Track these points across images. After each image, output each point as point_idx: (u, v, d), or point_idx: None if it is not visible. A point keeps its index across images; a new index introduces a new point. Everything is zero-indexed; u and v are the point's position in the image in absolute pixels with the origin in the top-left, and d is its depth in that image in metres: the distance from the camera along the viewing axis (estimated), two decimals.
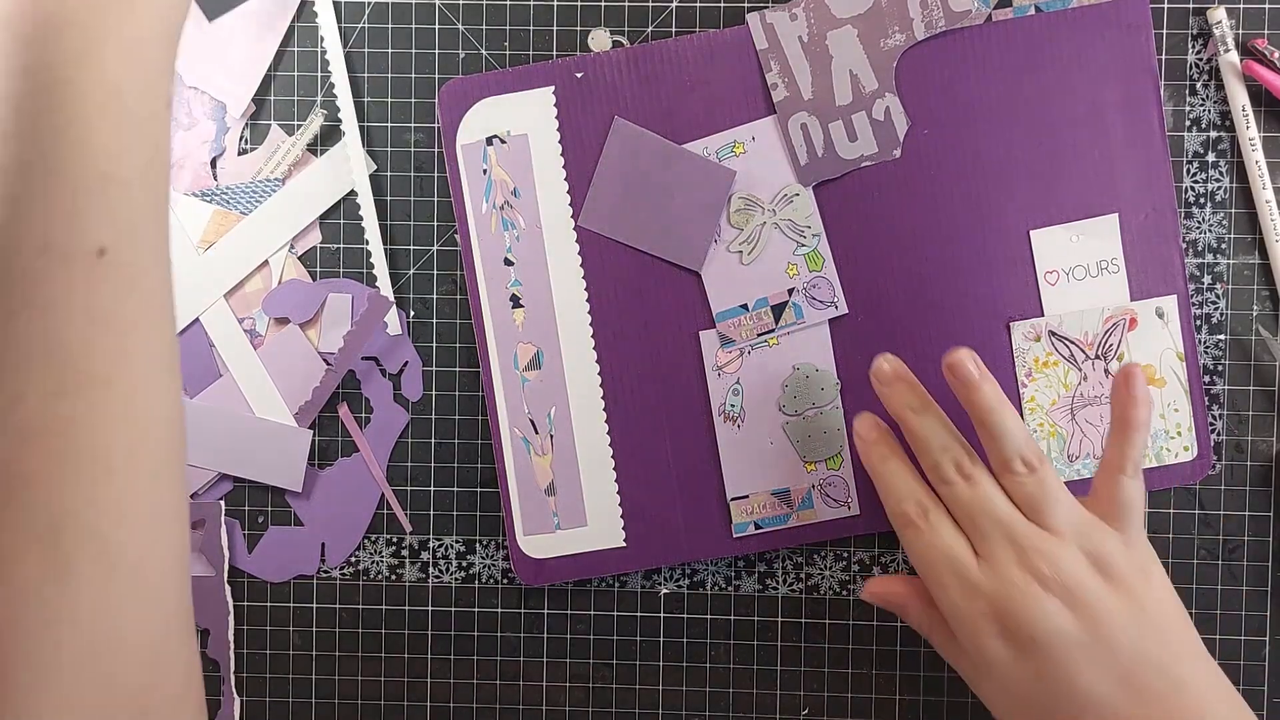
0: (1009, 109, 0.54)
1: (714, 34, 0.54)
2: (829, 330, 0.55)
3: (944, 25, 0.53)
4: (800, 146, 0.54)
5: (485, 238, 0.55)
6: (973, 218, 0.54)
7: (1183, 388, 0.54)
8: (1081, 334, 0.54)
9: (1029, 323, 0.54)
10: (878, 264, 0.54)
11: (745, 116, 0.54)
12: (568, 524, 0.56)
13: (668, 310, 0.55)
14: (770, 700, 0.57)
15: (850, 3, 0.54)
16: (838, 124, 0.54)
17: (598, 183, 0.55)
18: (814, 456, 0.55)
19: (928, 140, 0.54)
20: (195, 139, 0.57)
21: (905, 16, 0.53)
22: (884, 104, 0.54)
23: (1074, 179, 0.54)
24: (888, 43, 0.54)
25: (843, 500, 0.55)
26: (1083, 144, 0.54)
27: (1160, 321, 0.54)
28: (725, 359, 0.55)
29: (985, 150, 0.54)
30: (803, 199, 0.54)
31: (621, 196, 0.55)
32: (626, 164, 0.55)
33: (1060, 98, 0.54)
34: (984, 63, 0.54)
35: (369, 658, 0.58)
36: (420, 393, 0.57)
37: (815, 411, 0.55)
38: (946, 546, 0.47)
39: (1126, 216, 0.54)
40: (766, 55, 0.54)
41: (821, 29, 0.54)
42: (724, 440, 0.55)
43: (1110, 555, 0.45)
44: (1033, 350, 0.54)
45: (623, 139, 0.54)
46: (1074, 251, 0.54)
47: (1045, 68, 0.54)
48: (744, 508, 0.55)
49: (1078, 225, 0.54)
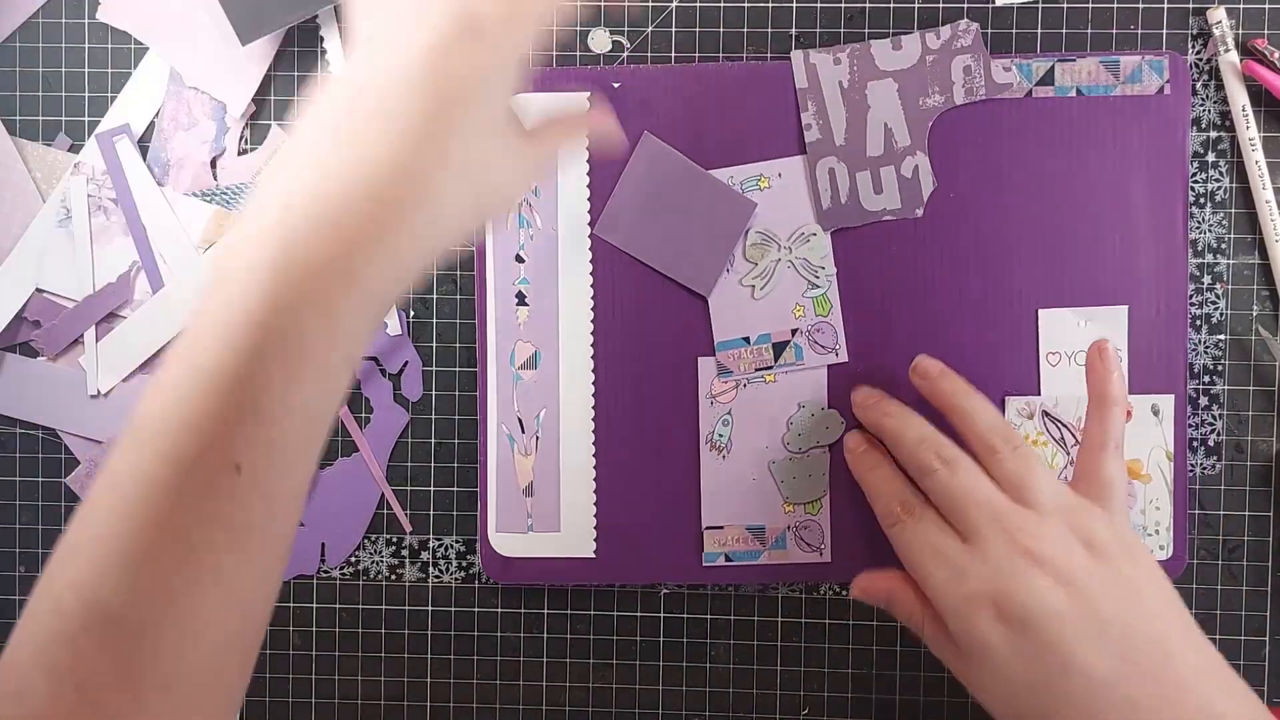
0: (1036, 185, 0.54)
1: (756, 65, 0.54)
2: (826, 374, 0.55)
3: (984, 94, 0.53)
4: (825, 190, 0.54)
5: (500, 231, 0.55)
6: (984, 287, 0.54)
7: (1167, 487, 0.54)
8: (1075, 419, 0.54)
9: (1024, 399, 0.54)
10: (883, 316, 0.55)
11: (775, 152, 0.54)
12: (541, 527, 0.56)
13: (670, 331, 0.55)
14: (770, 700, 0.57)
15: (895, 57, 0.54)
16: (865, 174, 0.54)
17: (618, 194, 0.55)
18: (796, 499, 0.55)
19: (952, 203, 0.54)
20: (195, 139, 0.57)
21: (947, 79, 0.53)
22: (914, 162, 0.54)
23: (1090, 264, 0.54)
24: (926, 102, 0.54)
25: (816, 546, 0.55)
26: (1104, 230, 0.54)
27: (1155, 419, 0.54)
28: (720, 388, 0.55)
29: (1006, 222, 0.54)
30: (819, 240, 0.54)
31: (640, 211, 0.55)
32: (650, 181, 0.55)
33: (1088, 181, 0.54)
34: (1018, 136, 0.54)
35: (369, 658, 0.58)
36: (420, 393, 0.57)
37: (820, 450, 0.55)
38: (933, 535, 0.47)
39: (1136, 309, 0.54)
40: (805, 95, 0.54)
41: (863, 78, 0.54)
42: (707, 469, 0.55)
43: (1097, 532, 0.45)
44: (1024, 427, 0.54)
45: (650, 155, 0.54)
46: (1080, 336, 0.54)
47: (1077, 150, 0.54)
48: (718, 538, 0.55)
49: (1087, 310, 0.54)
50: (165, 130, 0.57)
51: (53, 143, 0.58)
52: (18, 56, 0.58)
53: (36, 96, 0.58)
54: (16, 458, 0.58)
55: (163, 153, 0.57)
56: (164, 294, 0.57)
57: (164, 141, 0.57)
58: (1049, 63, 0.53)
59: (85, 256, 0.57)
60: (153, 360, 0.57)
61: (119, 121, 0.57)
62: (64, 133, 0.58)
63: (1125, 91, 0.53)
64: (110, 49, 0.57)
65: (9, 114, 0.58)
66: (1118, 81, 0.53)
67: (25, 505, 0.58)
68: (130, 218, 0.57)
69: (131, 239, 0.57)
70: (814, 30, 0.55)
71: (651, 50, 0.56)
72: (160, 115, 0.57)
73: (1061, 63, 0.53)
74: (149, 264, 0.57)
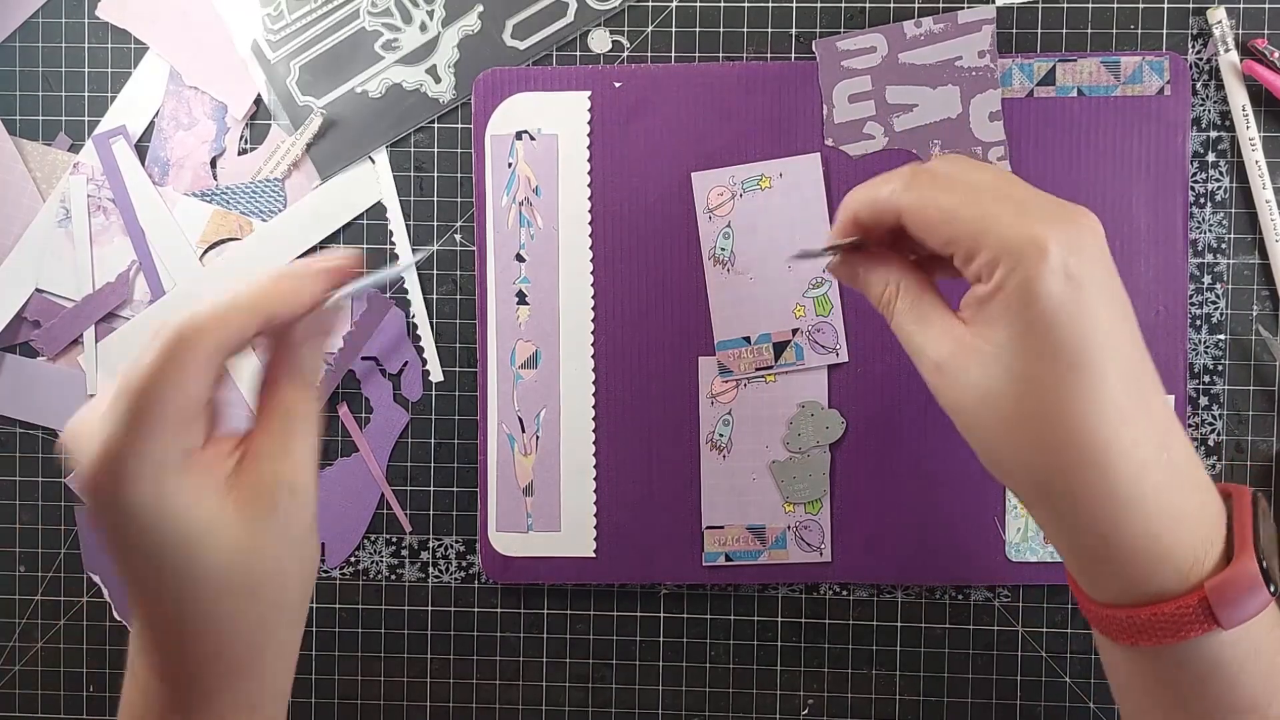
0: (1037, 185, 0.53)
1: (756, 65, 0.54)
2: (826, 375, 0.55)
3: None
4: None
5: (501, 230, 0.55)
6: None
7: None
8: None
9: None
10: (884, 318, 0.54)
11: (776, 152, 0.54)
12: (541, 527, 0.56)
13: (671, 330, 0.55)
14: (770, 700, 0.57)
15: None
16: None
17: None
18: (796, 498, 0.55)
19: None
20: (195, 139, 0.57)
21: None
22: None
23: None
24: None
25: (816, 545, 0.55)
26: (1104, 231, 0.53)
27: None
28: (721, 388, 0.55)
29: None
30: (823, 240, 0.54)
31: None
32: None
33: (1089, 181, 0.54)
34: (1018, 136, 0.54)
35: (369, 658, 0.58)
36: (420, 393, 0.57)
37: (820, 450, 0.55)
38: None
39: (1137, 310, 0.53)
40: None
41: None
42: (708, 468, 0.55)
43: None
44: None
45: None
46: None
47: (1079, 150, 0.54)
48: (718, 538, 0.55)
49: None
50: (165, 130, 0.57)
51: (53, 143, 0.58)
52: (18, 56, 0.58)
53: (36, 96, 0.58)
54: (16, 458, 0.58)
55: (162, 152, 0.57)
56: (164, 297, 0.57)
57: (164, 141, 0.57)
58: (1050, 63, 0.53)
59: (85, 256, 0.57)
60: None
61: (119, 121, 0.57)
62: (64, 133, 0.58)
63: (1126, 92, 0.53)
64: (110, 49, 0.57)
65: (9, 114, 0.58)
66: (1118, 82, 0.53)
67: (25, 505, 0.58)
68: (128, 219, 0.57)
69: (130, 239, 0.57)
70: (814, 30, 0.55)
71: (651, 50, 0.56)
72: (160, 115, 0.57)
73: (1062, 63, 0.54)
74: (147, 265, 0.57)
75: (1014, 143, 0.54)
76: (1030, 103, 0.54)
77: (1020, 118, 0.54)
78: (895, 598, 0.56)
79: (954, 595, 0.56)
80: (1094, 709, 0.56)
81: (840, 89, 0.54)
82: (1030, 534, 0.54)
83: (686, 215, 0.55)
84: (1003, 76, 0.53)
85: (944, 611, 0.56)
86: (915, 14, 0.55)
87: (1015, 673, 0.56)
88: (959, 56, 0.53)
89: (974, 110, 0.53)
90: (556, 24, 0.56)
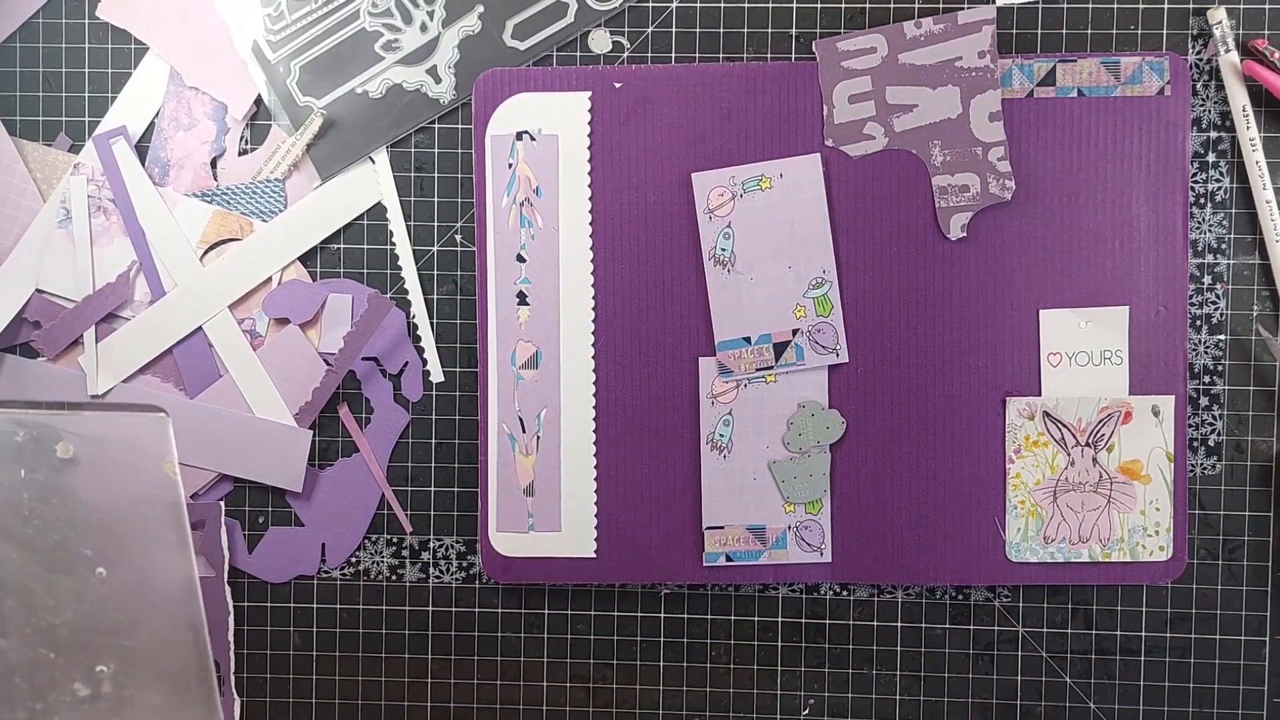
0: (1037, 185, 0.54)
1: (756, 65, 0.54)
2: (827, 375, 0.55)
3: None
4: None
5: (501, 231, 0.55)
6: (986, 287, 0.54)
7: (1167, 488, 0.54)
8: (1075, 419, 0.54)
9: (1025, 400, 0.54)
10: (885, 317, 0.55)
11: (776, 152, 0.54)
12: (541, 527, 0.56)
13: (671, 330, 0.55)
14: (770, 700, 0.57)
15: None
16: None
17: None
18: (796, 498, 0.55)
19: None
20: (195, 139, 0.57)
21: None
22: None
23: (1091, 265, 0.54)
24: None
25: (816, 546, 0.55)
26: (1105, 232, 0.54)
27: (1155, 419, 0.54)
28: (721, 388, 0.55)
29: (1008, 223, 0.54)
30: (821, 240, 0.54)
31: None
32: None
33: (1089, 182, 0.54)
34: (1018, 137, 0.54)
35: (369, 658, 0.58)
36: (420, 393, 0.57)
37: (820, 450, 0.55)
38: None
39: (1137, 310, 0.54)
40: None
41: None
42: (708, 468, 0.55)
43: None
44: (1025, 428, 0.54)
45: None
46: (1080, 337, 0.54)
47: (1079, 151, 0.54)
48: (718, 538, 0.55)
49: (1088, 311, 0.54)
50: (165, 130, 0.57)
51: (53, 143, 0.58)
52: (18, 56, 0.58)
53: (36, 96, 0.58)
54: None
55: (163, 153, 0.57)
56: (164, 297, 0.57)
57: (164, 142, 0.57)
58: (1050, 63, 0.54)
59: (85, 257, 0.57)
60: (153, 363, 0.57)
61: (119, 122, 0.57)
62: (64, 133, 0.58)
63: (1126, 92, 0.53)
64: (110, 49, 0.57)
65: (9, 114, 0.58)
66: (1118, 82, 0.53)
67: None
68: (128, 219, 0.57)
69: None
70: (814, 31, 0.55)
71: (651, 50, 0.56)
72: (160, 115, 0.57)
73: (1063, 63, 0.54)
74: (148, 265, 0.57)
75: (1014, 143, 0.54)
76: (1030, 103, 0.54)
77: (1020, 118, 0.54)
78: (895, 598, 0.56)
79: (954, 595, 0.56)
80: (1094, 709, 0.56)
81: (840, 89, 0.54)
82: (1030, 534, 0.54)
83: (687, 215, 0.55)
84: (1003, 77, 0.53)
85: (944, 611, 0.56)
86: (915, 14, 0.55)
87: (1015, 673, 0.56)
88: (959, 57, 0.53)
89: (974, 111, 0.53)
90: (557, 24, 0.56)
